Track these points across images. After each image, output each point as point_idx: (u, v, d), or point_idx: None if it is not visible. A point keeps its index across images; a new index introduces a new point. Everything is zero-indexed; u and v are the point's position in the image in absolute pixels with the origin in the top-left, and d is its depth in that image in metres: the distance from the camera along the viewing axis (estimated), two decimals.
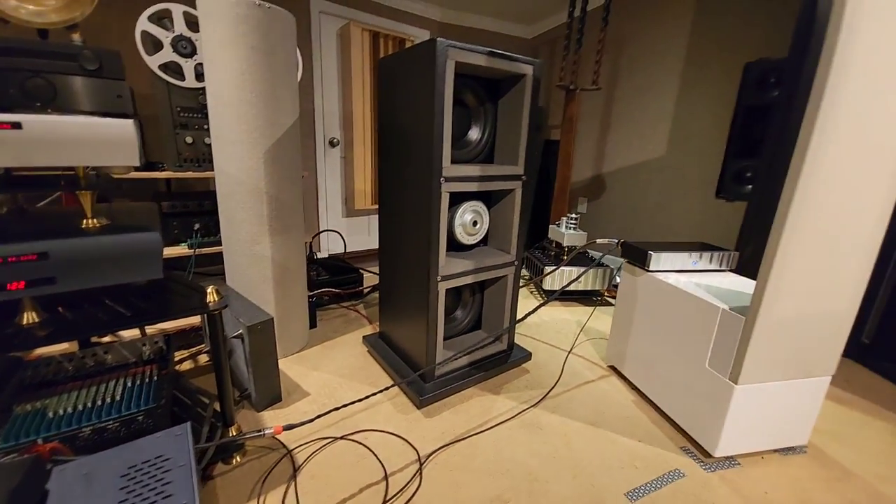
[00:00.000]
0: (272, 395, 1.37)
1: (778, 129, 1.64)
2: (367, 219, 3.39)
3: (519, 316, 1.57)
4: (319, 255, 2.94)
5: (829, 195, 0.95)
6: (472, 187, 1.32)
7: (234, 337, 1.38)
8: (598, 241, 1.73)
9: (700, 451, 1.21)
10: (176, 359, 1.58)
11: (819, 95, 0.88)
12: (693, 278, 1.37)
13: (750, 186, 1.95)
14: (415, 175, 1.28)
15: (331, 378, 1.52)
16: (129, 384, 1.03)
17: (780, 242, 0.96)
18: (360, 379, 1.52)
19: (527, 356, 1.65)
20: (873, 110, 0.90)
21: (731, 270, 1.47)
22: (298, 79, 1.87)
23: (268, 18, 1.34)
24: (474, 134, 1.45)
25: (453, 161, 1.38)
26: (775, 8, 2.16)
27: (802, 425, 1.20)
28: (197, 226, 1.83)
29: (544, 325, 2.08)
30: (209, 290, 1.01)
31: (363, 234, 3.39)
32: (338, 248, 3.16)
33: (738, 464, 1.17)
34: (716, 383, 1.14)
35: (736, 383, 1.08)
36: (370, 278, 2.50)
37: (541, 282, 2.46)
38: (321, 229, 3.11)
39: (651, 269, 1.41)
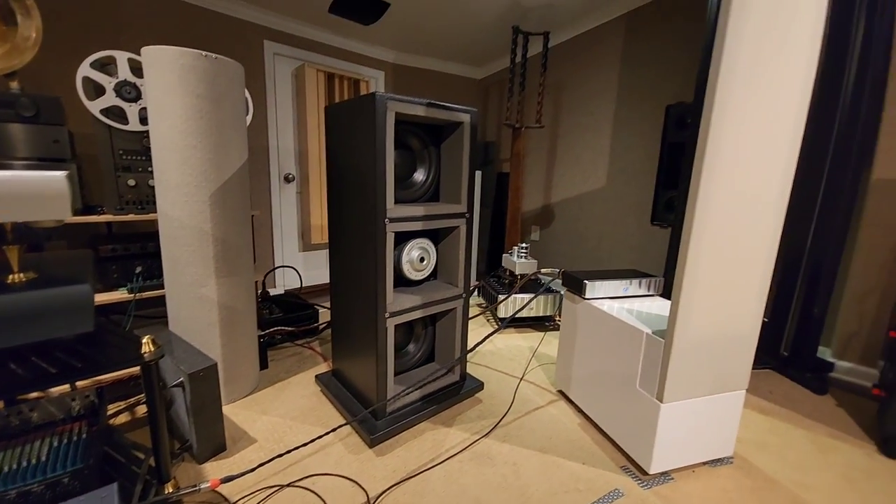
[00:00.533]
0: (215, 444, 1.32)
1: (689, 164, 1.85)
2: (325, 252, 3.38)
3: (469, 346, 1.62)
4: (274, 292, 2.89)
5: (721, 226, 1.09)
6: (417, 226, 1.39)
7: (175, 386, 1.33)
8: (543, 270, 1.84)
9: (638, 470, 1.28)
10: (111, 411, 1.49)
11: (704, 139, 1.02)
12: (625, 304, 1.49)
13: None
14: (361, 216, 1.34)
15: (280, 422, 1.48)
16: (56, 443, 0.97)
17: (686, 269, 1.08)
18: (312, 421, 1.49)
19: (479, 386, 1.69)
20: (745, 155, 1.06)
21: (659, 295, 1.60)
22: (248, 122, 1.90)
23: (214, 68, 1.38)
24: (419, 175, 1.53)
25: (399, 201, 1.44)
26: (687, 59, 2.47)
27: (726, 437, 1.30)
28: (139, 269, 1.77)
29: (498, 353, 2.14)
30: (145, 339, 0.99)
31: (321, 269, 3.36)
32: (295, 284, 3.11)
33: (672, 479, 1.25)
34: (646, 403, 1.23)
35: (662, 402, 1.18)
36: (327, 314, 2.48)
37: (495, 310, 2.53)
38: (275, 266, 3.06)
39: (587, 296, 1.52)
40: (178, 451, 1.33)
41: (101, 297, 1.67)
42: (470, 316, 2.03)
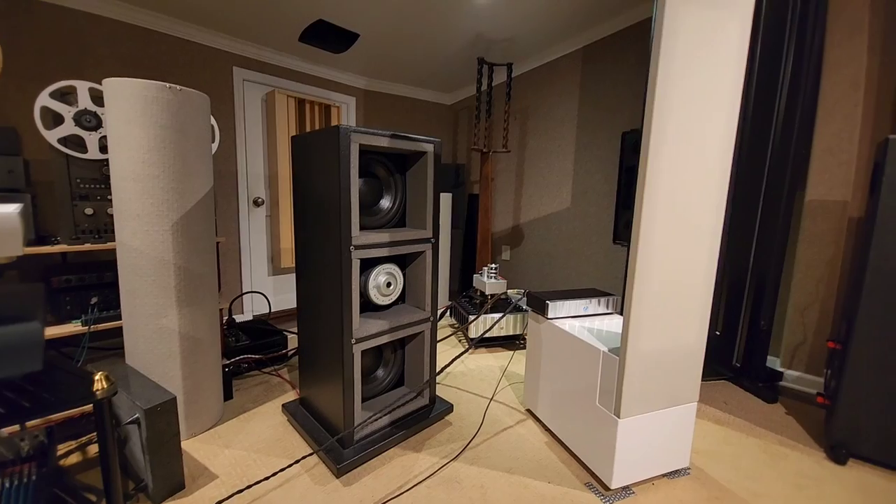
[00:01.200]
0: (173, 483, 1.27)
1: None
2: (295, 276, 3.34)
3: (438, 368, 1.64)
4: (241, 318, 2.82)
5: (663, 247, 1.17)
6: (384, 252, 1.42)
7: (130, 423, 1.29)
8: (509, 291, 1.89)
9: (601, 485, 1.32)
10: (62, 451, 1.42)
11: (644, 167, 1.11)
12: (585, 323, 1.55)
13: None
14: (327, 243, 1.36)
15: (244, 455, 1.44)
16: (8, 485, 0.93)
17: (634, 289, 1.16)
18: (278, 452, 1.46)
19: (449, 408, 1.70)
20: (681, 181, 1.16)
21: (617, 313, 1.68)
22: (215, 149, 1.90)
23: (179, 99, 1.39)
24: (386, 202, 1.57)
25: (366, 228, 1.47)
26: (639, 89, 2.65)
27: (682, 449, 1.36)
28: (94, 300, 1.71)
29: (469, 374, 2.16)
30: (98, 376, 0.97)
31: (291, 292, 3.31)
32: (263, 309, 3.05)
33: (633, 493, 1.29)
34: (605, 419, 1.28)
35: (619, 417, 1.23)
36: (296, 339, 2.44)
37: (466, 330, 2.56)
38: (243, 291, 3.00)
39: (550, 316, 1.58)
40: (133, 492, 1.27)
41: (52, 331, 1.60)
42: (442, 337, 2.06)
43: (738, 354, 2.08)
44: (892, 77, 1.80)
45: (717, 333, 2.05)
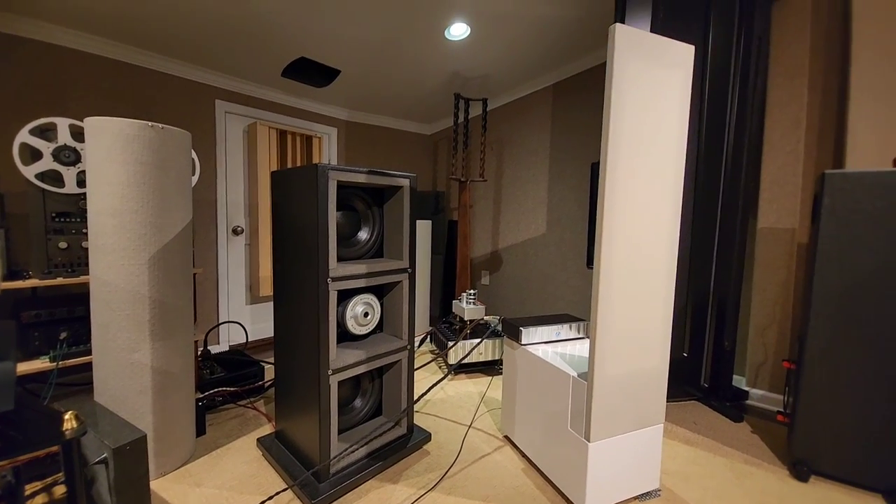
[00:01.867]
0: None
1: None
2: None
3: (416, 396, 1.65)
4: (218, 349, 2.77)
5: (624, 275, 1.25)
6: (361, 283, 1.46)
7: (97, 462, 1.25)
8: (486, 317, 1.94)
9: None
10: (28, 492, 1.35)
11: (602, 198, 1.20)
12: (557, 348, 1.61)
13: None
14: (304, 275, 1.39)
15: (215, 494, 1.41)
16: None
17: (598, 315, 1.23)
18: (251, 490, 1.44)
19: (427, 437, 1.71)
20: (636, 212, 1.25)
21: (588, 337, 1.74)
22: (194, 182, 1.93)
23: (161, 137, 1.44)
24: (364, 234, 1.62)
25: (344, 259, 1.52)
26: None
27: (651, 471, 1.41)
28: (64, 334, 1.68)
29: (448, 401, 2.17)
30: (67, 415, 0.96)
31: (269, 321, 3.27)
32: (240, 338, 3.00)
33: None
34: (576, 443, 1.32)
35: (590, 441, 1.27)
36: (273, 370, 2.41)
37: (446, 356, 2.58)
38: (220, 321, 2.96)
39: (523, 342, 1.63)
40: None
41: (20, 367, 1.55)
42: (422, 364, 2.08)
43: (705, 375, 2.16)
44: (831, 115, 1.99)
45: (685, 355, 2.14)
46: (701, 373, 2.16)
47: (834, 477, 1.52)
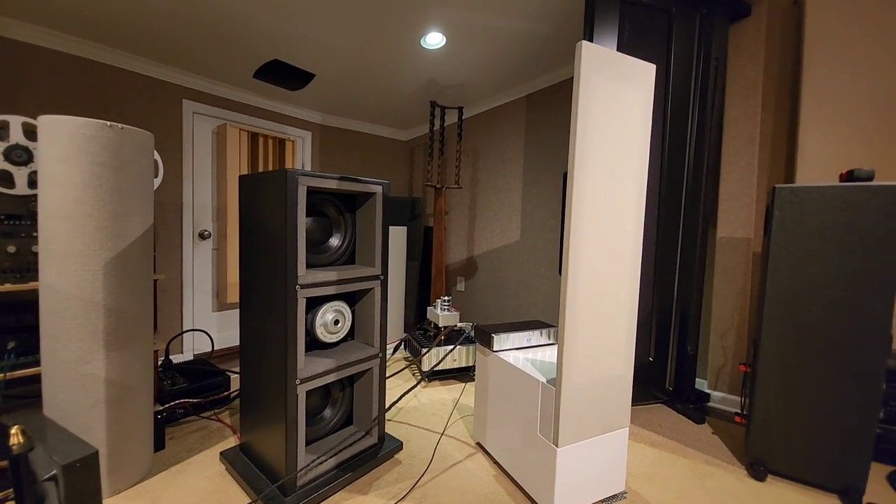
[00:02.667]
0: None
1: None
2: None
3: (389, 404, 1.63)
4: (181, 359, 2.66)
5: (590, 282, 1.29)
6: (331, 290, 1.44)
7: (47, 480, 1.17)
8: (459, 324, 1.95)
9: None
10: None
11: (569, 210, 1.24)
12: (528, 354, 1.63)
13: None
14: (272, 281, 1.36)
15: None
16: None
17: (566, 322, 1.25)
18: None
19: (398, 446, 1.69)
20: (600, 223, 1.29)
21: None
22: (157, 184, 1.86)
23: (120, 137, 1.38)
24: (335, 241, 1.60)
25: (314, 265, 1.49)
26: None
27: (617, 474, 1.44)
28: (11, 344, 1.57)
29: (422, 409, 2.16)
30: (13, 430, 0.90)
31: (237, 329, 3.16)
32: (206, 347, 2.89)
33: None
34: (545, 448, 1.34)
35: (558, 446, 1.29)
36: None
37: (420, 363, 2.57)
38: (183, 329, 2.84)
39: (495, 349, 1.64)
40: None
41: None
42: (396, 371, 2.06)
43: (669, 378, 2.24)
44: (783, 132, 2.12)
45: (651, 360, 2.21)
46: (666, 377, 2.24)
47: (789, 476, 1.60)
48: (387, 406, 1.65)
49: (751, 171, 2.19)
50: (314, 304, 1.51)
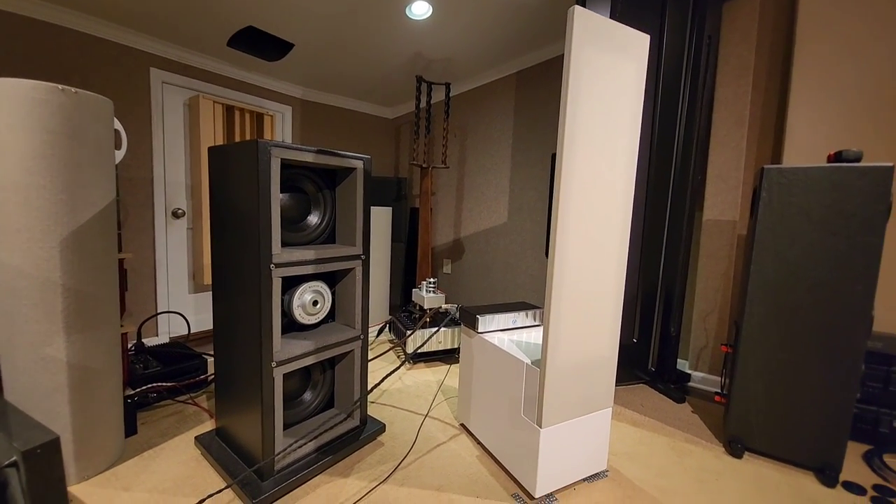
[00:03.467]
0: None
1: None
2: None
3: (371, 386, 1.60)
4: (155, 342, 2.57)
5: (576, 265, 1.25)
6: (309, 270, 1.37)
7: (7, 466, 1.11)
8: (444, 305, 1.91)
9: (526, 495, 1.36)
10: None
11: (557, 189, 1.19)
12: (514, 336, 1.61)
13: None
14: (245, 260, 1.28)
15: (146, 498, 1.29)
16: None
17: (552, 302, 1.22)
18: (186, 491, 1.33)
19: (381, 428, 1.66)
20: (589, 204, 1.25)
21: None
22: (121, 157, 1.74)
23: (73, 103, 1.26)
24: (314, 218, 1.53)
25: (291, 244, 1.42)
26: None
27: (599, 453, 1.44)
28: None
29: (406, 391, 2.13)
30: None
31: None
32: (182, 330, 2.80)
33: (556, 500, 1.34)
34: (529, 429, 1.32)
35: (541, 427, 1.28)
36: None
37: (404, 345, 2.54)
38: (158, 311, 2.74)
39: (480, 330, 1.61)
40: None
41: None
42: (381, 353, 2.02)
43: (652, 359, 2.26)
44: (772, 113, 2.10)
45: (635, 341, 2.22)
46: (649, 357, 2.26)
47: (766, 454, 1.63)
48: (369, 388, 1.62)
49: (739, 153, 2.17)
50: (292, 284, 1.45)
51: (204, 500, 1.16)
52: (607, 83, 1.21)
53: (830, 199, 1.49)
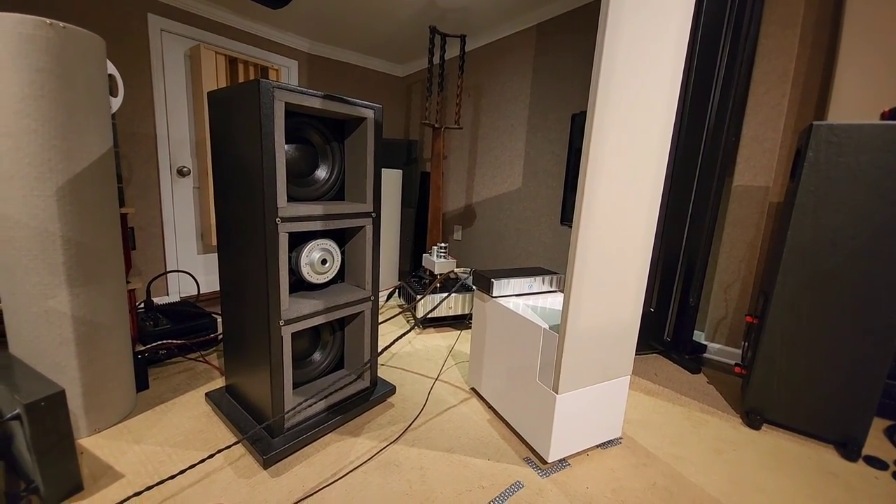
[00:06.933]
0: (69, 484, 1.11)
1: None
2: None
3: (381, 349, 1.57)
4: (166, 300, 2.57)
5: (602, 229, 1.16)
6: (317, 226, 1.30)
7: (10, 419, 1.10)
8: (456, 270, 1.84)
9: (539, 459, 1.34)
10: None
11: (587, 151, 1.08)
12: (529, 301, 1.54)
13: None
14: (250, 215, 1.21)
15: (157, 450, 1.30)
16: None
17: (574, 267, 1.14)
18: (198, 445, 1.33)
19: (391, 390, 1.64)
20: (621, 166, 1.14)
21: (560, 290, 1.69)
22: (117, 106, 1.65)
23: (61, 39, 1.16)
24: (322, 172, 1.44)
25: (299, 199, 1.34)
26: (589, 72, 2.65)
27: (615, 420, 1.41)
28: None
29: (416, 355, 2.11)
30: None
31: None
32: (192, 290, 2.80)
33: (569, 465, 1.32)
34: (544, 395, 1.28)
35: (557, 393, 1.23)
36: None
37: (414, 309, 2.51)
38: (167, 270, 2.72)
39: (494, 295, 1.55)
40: (24, 493, 1.11)
41: None
42: (390, 317, 1.98)
43: (669, 329, 2.20)
44: (819, 69, 1.91)
45: (651, 310, 2.15)
46: (665, 327, 2.20)
47: (785, 426, 1.59)
48: (379, 350, 1.59)
49: (779, 113, 2.00)
50: (299, 241, 1.38)
51: (215, 453, 1.15)
52: (646, 35, 1.07)
53: (882, 161, 1.35)
